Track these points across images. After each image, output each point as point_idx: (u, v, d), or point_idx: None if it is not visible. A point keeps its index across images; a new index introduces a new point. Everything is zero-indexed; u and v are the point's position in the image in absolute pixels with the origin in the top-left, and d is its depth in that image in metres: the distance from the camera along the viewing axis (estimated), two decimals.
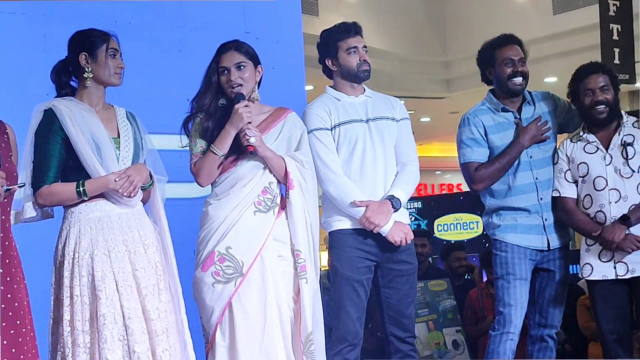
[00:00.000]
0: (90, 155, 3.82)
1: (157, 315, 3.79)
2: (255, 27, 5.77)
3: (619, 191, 4.82)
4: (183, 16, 5.64)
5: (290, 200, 4.16)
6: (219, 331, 4.02)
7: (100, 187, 3.82)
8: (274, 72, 5.29)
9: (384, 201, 4.53)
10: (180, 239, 5.08)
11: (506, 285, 4.87)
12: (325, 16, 11.30)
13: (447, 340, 7.23)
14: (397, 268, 4.62)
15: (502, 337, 4.84)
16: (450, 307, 7.38)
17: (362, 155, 4.58)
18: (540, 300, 4.98)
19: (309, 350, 4.11)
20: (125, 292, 3.75)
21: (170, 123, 4.82)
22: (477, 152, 4.94)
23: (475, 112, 5.02)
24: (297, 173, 4.18)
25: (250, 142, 4.06)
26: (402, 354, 4.65)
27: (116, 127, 3.98)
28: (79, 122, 3.84)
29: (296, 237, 4.15)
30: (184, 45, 5.60)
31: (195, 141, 4.18)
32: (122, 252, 3.81)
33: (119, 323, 3.72)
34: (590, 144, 4.91)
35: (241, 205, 4.09)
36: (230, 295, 4.01)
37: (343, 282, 4.53)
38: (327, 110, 4.60)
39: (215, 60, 4.20)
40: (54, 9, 5.05)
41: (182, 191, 5.30)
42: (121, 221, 3.86)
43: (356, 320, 4.53)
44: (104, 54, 3.93)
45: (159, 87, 5.46)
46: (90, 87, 3.95)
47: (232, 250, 4.04)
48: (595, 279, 4.84)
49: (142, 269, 3.82)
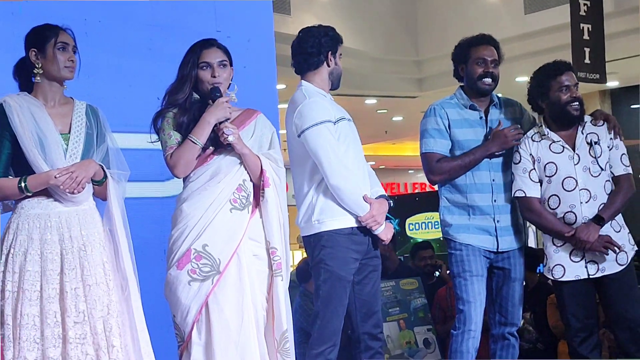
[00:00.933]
0: (33, 150, 3.80)
1: (82, 319, 3.75)
2: (226, 26, 5.75)
3: (589, 191, 4.83)
4: (153, 15, 5.62)
5: (266, 198, 4.16)
6: (195, 330, 4.00)
7: (41, 182, 3.80)
8: (245, 71, 5.28)
9: (383, 200, 4.60)
10: (150, 238, 5.08)
11: (463, 283, 4.89)
12: (297, 15, 11.29)
13: (419, 339, 7.25)
14: (372, 264, 4.64)
15: (464, 336, 4.86)
16: (421, 306, 7.39)
17: (353, 153, 4.59)
18: (499, 299, 5.00)
19: (284, 348, 4.12)
20: (47, 296, 3.73)
21: (140, 122, 4.81)
22: (439, 143, 4.96)
23: (442, 104, 5.04)
24: (272, 171, 4.18)
25: (228, 139, 4.05)
26: (372, 352, 4.63)
27: (70, 123, 3.95)
28: (26, 118, 3.83)
29: (272, 234, 4.15)
30: (153, 43, 5.57)
31: (169, 134, 4.13)
32: (55, 252, 3.79)
33: (37, 325, 3.70)
34: (555, 143, 4.91)
35: (217, 202, 4.06)
36: (207, 293, 3.98)
37: (336, 282, 4.51)
38: (327, 105, 4.60)
39: (195, 55, 4.17)
40: (23, 8, 5.02)
41: (152, 190, 5.29)
42: (60, 219, 3.84)
43: (342, 320, 4.55)
44: (52, 49, 3.91)
45: (128, 86, 5.43)
46: (43, 82, 3.94)
47: (208, 248, 4.01)
48: (569, 279, 4.85)
49: (72, 271, 3.78)
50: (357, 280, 4.60)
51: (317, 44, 4.65)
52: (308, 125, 4.50)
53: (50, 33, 3.93)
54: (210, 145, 4.11)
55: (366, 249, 4.59)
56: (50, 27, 3.97)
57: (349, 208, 4.50)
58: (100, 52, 5.28)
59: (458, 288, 4.92)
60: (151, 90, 4.94)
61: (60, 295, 3.75)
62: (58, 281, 3.76)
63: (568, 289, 4.88)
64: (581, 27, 9.58)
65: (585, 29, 9.57)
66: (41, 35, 3.94)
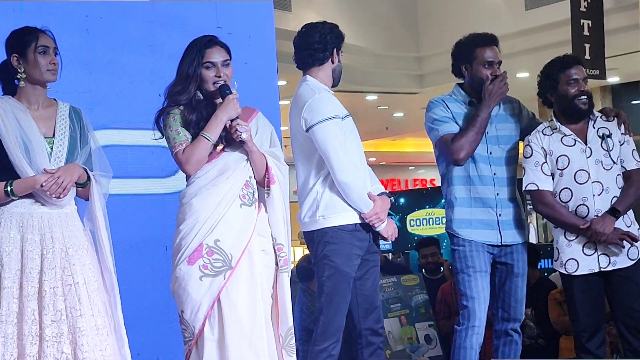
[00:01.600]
0: (18, 155, 3.81)
1: (59, 318, 3.74)
2: (227, 22, 5.75)
3: (601, 183, 4.82)
4: (154, 11, 5.61)
5: (272, 194, 4.17)
6: (207, 325, 3.97)
7: (27, 187, 3.81)
8: (246, 67, 5.29)
9: (385, 197, 4.61)
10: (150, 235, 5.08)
11: (467, 279, 4.87)
12: (297, 11, 11.29)
13: (420, 334, 7.26)
14: (372, 259, 4.64)
15: (468, 332, 4.84)
16: (423, 302, 7.40)
17: (357, 149, 4.60)
18: (502, 294, 4.98)
19: (289, 344, 4.13)
20: (27, 293, 3.73)
21: (141, 118, 4.82)
22: (449, 126, 4.90)
23: (443, 99, 5.02)
24: (276, 169, 4.20)
25: (242, 137, 4.06)
26: (374, 347, 4.64)
27: (53, 126, 3.95)
28: (10, 123, 3.83)
29: (278, 231, 4.17)
30: (155, 40, 5.57)
31: (177, 130, 4.09)
32: (36, 251, 3.79)
33: (15, 322, 3.71)
34: (567, 136, 4.90)
35: (227, 198, 4.06)
36: (219, 289, 3.96)
37: (340, 278, 4.51)
38: (337, 100, 4.61)
39: (199, 54, 4.14)
40: (24, 5, 5.02)
41: (153, 187, 5.29)
42: (42, 221, 3.84)
43: (344, 316, 4.55)
44: (33, 54, 3.90)
45: (129, 83, 5.43)
46: (26, 87, 3.94)
47: (220, 243, 4.00)
48: (583, 273, 4.83)
49: (52, 270, 3.78)
50: (359, 276, 4.60)
51: (324, 40, 4.65)
52: (318, 120, 4.50)
53: (30, 37, 3.92)
54: (220, 142, 4.11)
55: (367, 245, 4.59)
56: (29, 30, 3.96)
57: (354, 205, 4.50)
58: (101, 49, 5.29)
59: (462, 284, 4.90)
60: (152, 86, 4.95)
61: (38, 294, 3.75)
62: (37, 280, 3.76)
63: (579, 283, 4.85)
64: (581, 23, 9.56)
65: (586, 25, 9.55)
66: (21, 40, 3.93)
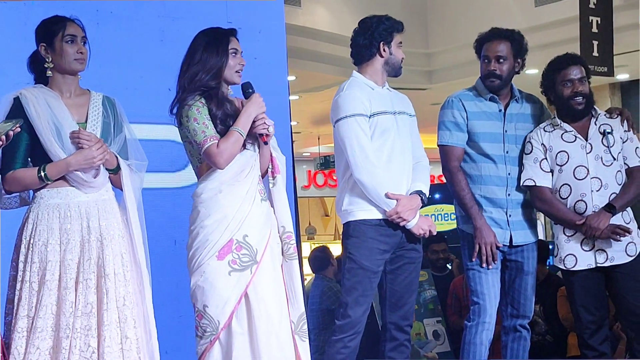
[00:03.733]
0: (50, 139, 3.83)
1: (90, 310, 3.74)
2: (238, 17, 5.75)
3: (600, 179, 4.84)
4: (165, 6, 5.62)
5: (278, 184, 4.21)
6: (235, 320, 3.97)
7: (61, 170, 3.83)
8: (256, 62, 5.30)
9: (414, 196, 4.62)
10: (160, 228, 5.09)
11: (478, 275, 4.90)
12: (307, 7, 11.27)
13: (428, 330, 7.27)
14: (408, 255, 4.69)
15: (478, 328, 4.86)
16: (431, 298, 7.41)
17: (391, 147, 4.62)
18: (512, 291, 5.00)
19: (302, 330, 4.14)
20: (65, 285, 3.74)
21: (151, 113, 4.83)
22: (455, 136, 4.96)
23: (460, 96, 5.03)
24: (278, 159, 4.24)
25: (269, 130, 4.09)
26: (397, 343, 4.69)
27: (86, 112, 3.97)
28: (42, 109, 3.85)
29: (286, 219, 4.20)
30: (165, 35, 5.58)
31: (204, 123, 4.04)
32: (76, 242, 3.80)
33: (53, 314, 3.70)
34: (567, 132, 4.92)
35: (250, 193, 4.08)
36: (247, 283, 3.98)
37: (360, 272, 4.56)
38: (367, 98, 4.63)
39: (225, 42, 4.13)
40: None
41: (164, 181, 5.30)
42: (80, 210, 3.85)
43: (365, 310, 4.59)
44: (60, 43, 3.92)
45: (140, 77, 5.44)
46: (56, 75, 3.96)
47: (248, 239, 4.01)
48: (581, 268, 4.86)
49: (89, 261, 3.79)
50: (389, 269, 4.66)
51: (370, 36, 4.68)
52: (339, 117, 4.59)
53: (58, 26, 3.94)
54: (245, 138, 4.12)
55: (398, 241, 4.62)
56: (58, 19, 3.97)
57: (374, 202, 4.55)
58: (112, 43, 5.29)
59: (472, 280, 4.92)
60: (163, 81, 4.94)
61: (75, 285, 3.76)
62: (75, 271, 3.77)
63: (578, 280, 4.88)
64: (590, 19, 9.54)
65: (594, 21, 9.54)
66: (49, 29, 3.95)
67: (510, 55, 4.98)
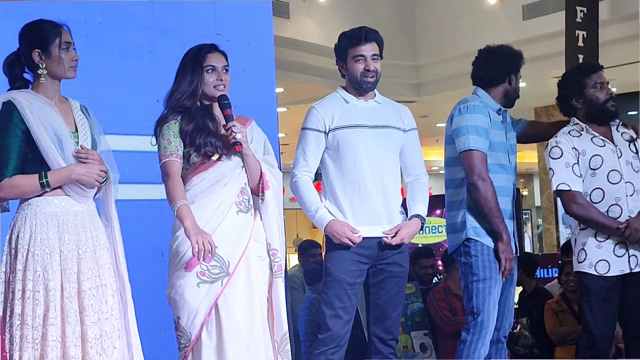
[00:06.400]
0: (52, 149, 3.79)
1: (97, 319, 3.76)
2: (226, 29, 5.76)
3: (632, 184, 4.83)
4: (153, 17, 5.62)
5: (266, 200, 4.18)
6: (204, 332, 3.98)
7: (63, 177, 3.80)
8: (244, 74, 5.30)
9: (415, 221, 4.63)
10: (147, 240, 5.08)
11: (488, 290, 4.80)
12: (296, 19, 11.29)
13: (415, 343, 7.25)
14: (389, 270, 4.64)
15: (479, 344, 4.76)
16: (419, 310, 7.40)
17: (360, 161, 4.59)
18: (500, 303, 4.92)
19: (284, 350, 4.14)
20: (68, 294, 3.72)
21: (139, 124, 4.82)
22: (482, 142, 4.82)
23: (484, 104, 4.92)
24: (270, 175, 4.22)
25: (236, 137, 4.06)
26: (382, 356, 4.67)
27: (73, 121, 3.95)
28: (39, 115, 3.81)
29: (273, 236, 4.18)
30: (154, 46, 5.57)
31: (168, 139, 4.10)
32: (73, 252, 3.78)
33: (58, 324, 3.69)
34: (596, 137, 4.90)
35: (224, 205, 4.08)
36: (217, 295, 3.98)
37: (335, 284, 4.55)
38: (329, 113, 4.64)
39: (201, 59, 4.15)
40: (23, 9, 5.02)
41: (149, 193, 5.28)
42: (76, 220, 3.83)
43: (346, 323, 4.56)
44: (57, 50, 3.89)
45: (128, 88, 5.43)
46: (45, 82, 3.92)
47: (218, 250, 3.99)
48: (614, 274, 4.79)
49: (88, 271, 3.79)
50: (372, 283, 4.66)
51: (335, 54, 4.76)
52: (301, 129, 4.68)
53: (53, 33, 3.90)
54: (216, 152, 4.11)
55: (376, 254, 4.59)
56: (50, 26, 3.94)
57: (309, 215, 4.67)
58: (100, 54, 5.29)
59: (478, 293, 4.79)
60: (151, 92, 4.95)
61: (78, 294, 3.75)
62: (76, 280, 3.76)
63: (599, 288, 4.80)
64: (576, 33, 9.59)
65: (580, 35, 9.58)
66: (44, 35, 3.91)
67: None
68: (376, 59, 4.66)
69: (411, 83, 13.37)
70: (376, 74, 4.65)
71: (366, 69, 4.62)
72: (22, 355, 3.65)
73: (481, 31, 11.51)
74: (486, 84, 5.00)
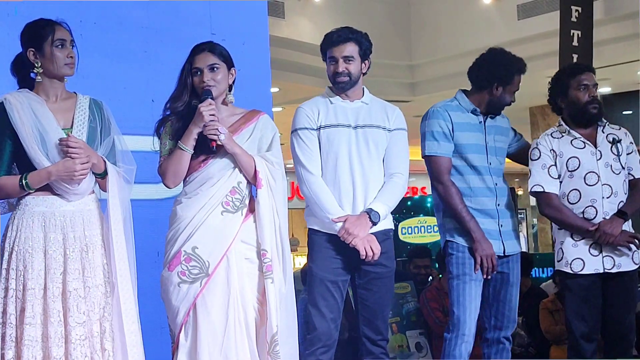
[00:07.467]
0: (34, 147, 3.79)
1: (84, 320, 3.74)
2: (221, 29, 5.76)
3: (610, 186, 4.87)
4: (148, 17, 5.61)
5: (259, 199, 4.15)
6: (182, 332, 4.01)
7: (42, 178, 3.79)
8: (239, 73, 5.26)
9: (362, 215, 4.55)
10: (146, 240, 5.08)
11: (462, 286, 4.86)
12: (291, 19, 11.29)
13: (411, 342, 7.25)
14: (374, 271, 4.62)
15: (457, 340, 4.81)
16: (414, 310, 7.40)
17: (340, 160, 4.60)
18: (496, 303, 4.96)
19: (274, 351, 4.10)
20: (51, 294, 3.71)
21: (134, 124, 4.81)
22: (443, 146, 4.91)
23: (445, 107, 5.00)
24: (266, 172, 4.17)
25: (220, 138, 4.05)
26: (373, 356, 4.66)
27: (72, 117, 3.94)
28: (26, 114, 3.81)
29: (263, 236, 4.13)
30: (149, 46, 5.57)
31: (164, 143, 4.18)
32: (59, 251, 3.78)
33: (40, 323, 3.68)
34: (576, 139, 4.95)
35: (208, 205, 4.08)
36: (195, 296, 4.00)
37: (318, 282, 4.56)
38: (315, 111, 4.66)
39: (189, 62, 4.20)
40: (18, 9, 5.01)
41: (148, 192, 5.28)
42: (65, 219, 3.83)
43: (330, 321, 4.55)
44: (50, 47, 3.89)
45: (123, 88, 5.42)
46: (43, 80, 3.92)
47: (198, 250, 4.02)
48: (588, 272, 4.84)
49: (75, 271, 3.77)
50: (359, 284, 4.65)
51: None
52: (291, 131, 4.72)
53: (47, 31, 3.90)
54: (202, 152, 4.12)
55: (356, 253, 4.54)
56: (46, 23, 3.94)
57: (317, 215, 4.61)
58: (95, 54, 5.27)
59: (455, 290, 4.87)
60: (146, 92, 4.94)
61: (62, 295, 3.74)
62: (61, 280, 3.75)
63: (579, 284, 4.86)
64: (571, 33, 9.61)
65: (575, 35, 9.60)
66: (38, 33, 3.90)
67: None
68: (351, 60, 4.67)
69: (406, 82, 13.39)
70: (349, 75, 4.66)
71: (335, 70, 4.66)
72: (4, 354, 3.65)
73: (476, 31, 11.53)
74: (472, 86, 5.06)
